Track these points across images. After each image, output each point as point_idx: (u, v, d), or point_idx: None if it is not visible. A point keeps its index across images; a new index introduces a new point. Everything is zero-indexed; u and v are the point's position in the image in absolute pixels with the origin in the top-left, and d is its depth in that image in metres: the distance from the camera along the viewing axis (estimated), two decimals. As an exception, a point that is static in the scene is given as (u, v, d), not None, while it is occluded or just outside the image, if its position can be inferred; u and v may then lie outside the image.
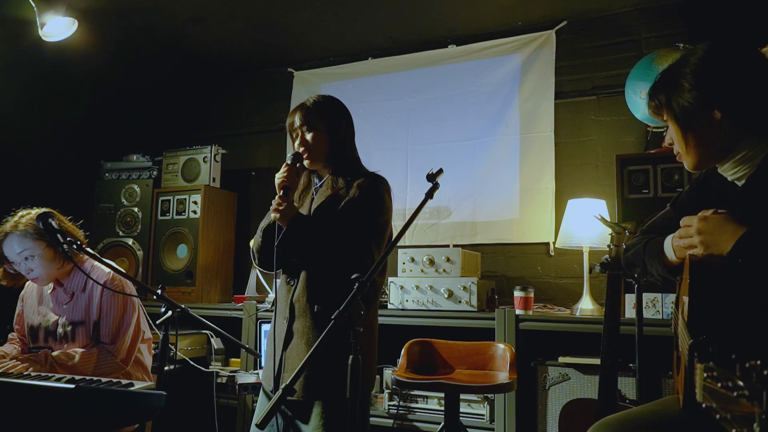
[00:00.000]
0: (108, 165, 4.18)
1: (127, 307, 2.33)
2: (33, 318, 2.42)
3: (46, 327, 2.37)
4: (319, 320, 1.83)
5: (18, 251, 2.25)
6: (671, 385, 2.48)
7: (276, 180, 1.92)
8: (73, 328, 2.32)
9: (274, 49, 4.20)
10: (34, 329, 2.40)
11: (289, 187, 1.89)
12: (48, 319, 2.38)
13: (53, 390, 1.69)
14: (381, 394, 3.17)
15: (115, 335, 2.31)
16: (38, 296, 2.45)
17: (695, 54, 1.38)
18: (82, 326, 2.32)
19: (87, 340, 2.32)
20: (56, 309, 2.38)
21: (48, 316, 2.39)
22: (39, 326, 2.39)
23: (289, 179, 1.90)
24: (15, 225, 2.27)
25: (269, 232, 1.92)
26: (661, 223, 1.60)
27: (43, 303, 2.43)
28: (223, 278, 4.06)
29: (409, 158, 3.92)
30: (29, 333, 2.42)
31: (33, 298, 2.46)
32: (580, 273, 3.20)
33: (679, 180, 2.76)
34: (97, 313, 2.31)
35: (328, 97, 2.05)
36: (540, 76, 3.61)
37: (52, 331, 2.35)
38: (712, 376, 0.76)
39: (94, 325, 2.32)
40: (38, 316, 2.41)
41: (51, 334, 2.36)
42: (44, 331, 2.37)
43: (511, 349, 2.63)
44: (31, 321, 2.42)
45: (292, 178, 1.91)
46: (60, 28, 3.00)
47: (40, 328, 2.39)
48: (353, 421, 1.45)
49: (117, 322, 2.31)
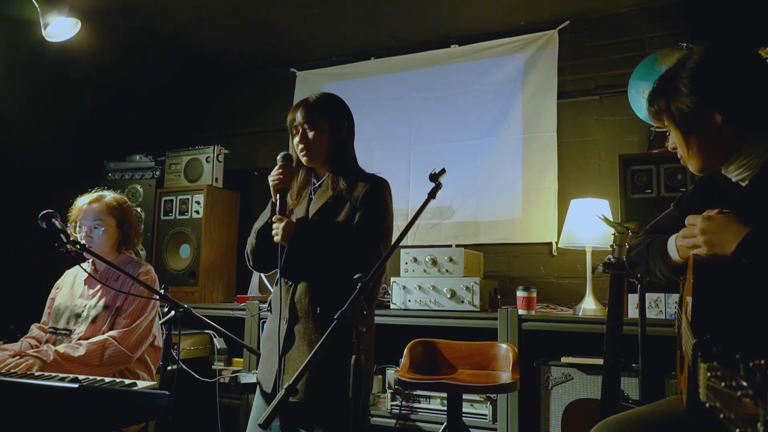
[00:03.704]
0: (111, 165, 4.19)
1: (149, 302, 2.44)
2: (62, 301, 2.53)
3: (72, 309, 2.47)
4: (321, 322, 1.82)
5: (92, 220, 2.47)
6: (674, 385, 2.47)
7: (270, 180, 1.92)
8: (97, 312, 2.41)
9: (276, 49, 4.20)
10: (60, 310, 2.50)
11: (284, 189, 1.89)
12: (76, 303, 2.49)
13: (56, 389, 1.69)
14: (383, 394, 3.17)
15: (131, 321, 2.38)
16: (72, 283, 2.58)
17: (691, 58, 1.38)
18: (106, 311, 2.42)
19: (105, 324, 2.39)
20: (86, 294, 2.50)
21: (76, 300, 2.50)
22: (66, 308, 2.49)
23: (284, 181, 1.90)
24: (99, 197, 2.54)
25: (263, 234, 1.92)
26: (664, 222, 1.59)
27: (75, 288, 2.55)
28: (226, 278, 4.06)
29: (412, 158, 3.92)
30: (54, 314, 2.52)
31: (67, 285, 2.59)
32: (582, 273, 3.20)
33: (682, 180, 2.75)
34: (123, 299, 2.42)
35: (331, 95, 2.03)
36: (543, 75, 3.61)
37: (77, 314, 2.45)
38: (716, 376, 0.76)
39: (116, 311, 2.41)
40: (67, 300, 2.52)
41: (75, 316, 2.45)
42: (68, 313, 2.47)
43: (513, 349, 2.63)
44: (59, 303, 2.53)
45: (286, 179, 1.91)
46: (63, 29, 3.00)
47: (66, 310, 2.48)
48: (356, 421, 1.45)
49: (137, 310, 2.40)
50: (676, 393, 1.60)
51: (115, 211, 2.52)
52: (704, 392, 0.80)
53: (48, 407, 1.69)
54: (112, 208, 2.52)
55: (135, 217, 2.65)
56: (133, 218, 2.61)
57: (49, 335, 2.45)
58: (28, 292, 2.90)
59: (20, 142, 3.72)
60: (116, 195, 2.61)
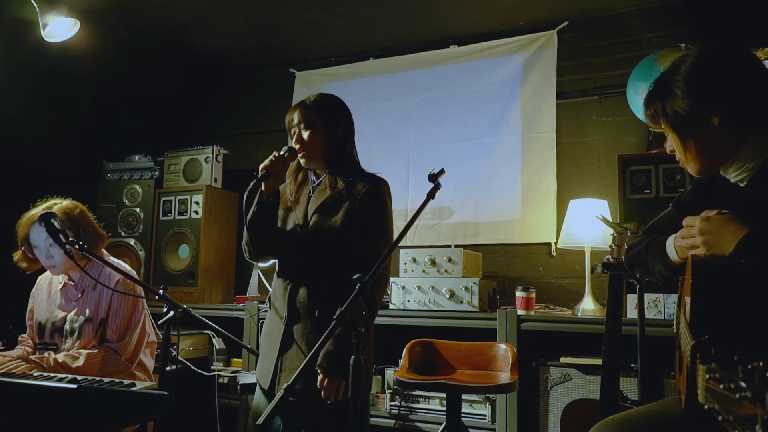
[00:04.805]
0: (110, 165, 4.19)
1: (137, 306, 2.35)
2: (41, 314, 2.44)
3: (53, 323, 2.38)
4: (320, 323, 1.82)
5: (45, 236, 2.23)
6: (673, 385, 2.47)
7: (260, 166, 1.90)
8: (81, 324, 2.33)
9: (275, 49, 4.20)
10: (41, 325, 2.41)
11: (269, 170, 1.87)
12: (56, 315, 2.39)
13: (55, 390, 1.69)
14: (382, 395, 3.17)
15: (123, 333, 2.32)
16: (48, 292, 2.46)
17: (686, 61, 1.38)
18: (90, 323, 2.33)
19: (92, 337, 2.32)
20: (65, 305, 2.39)
21: (56, 312, 2.40)
22: (46, 322, 2.40)
23: (273, 165, 1.87)
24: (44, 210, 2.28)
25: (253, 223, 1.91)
26: (663, 223, 1.59)
27: (52, 299, 2.44)
28: (225, 278, 4.06)
29: (411, 158, 3.92)
30: (36, 329, 2.43)
31: (43, 294, 2.48)
32: (581, 273, 3.20)
33: (681, 180, 2.76)
34: (105, 311, 2.32)
35: (328, 95, 2.04)
36: (542, 76, 3.61)
37: (59, 327, 2.36)
38: (715, 378, 0.76)
39: (100, 323, 2.32)
40: (46, 312, 2.42)
41: (57, 330, 2.36)
42: (51, 327, 2.38)
43: (512, 350, 2.63)
44: (39, 317, 2.44)
45: (275, 165, 1.88)
46: (62, 29, 3.00)
47: (47, 323, 2.40)
48: (355, 421, 1.45)
49: (126, 320, 2.32)
50: (675, 393, 1.61)
51: (67, 224, 2.26)
52: (703, 394, 0.80)
53: (47, 407, 1.69)
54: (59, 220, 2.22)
55: (91, 221, 2.39)
56: (89, 222, 2.38)
57: (38, 351, 2.36)
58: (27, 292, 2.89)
59: (19, 142, 3.71)
60: (62, 204, 2.36)
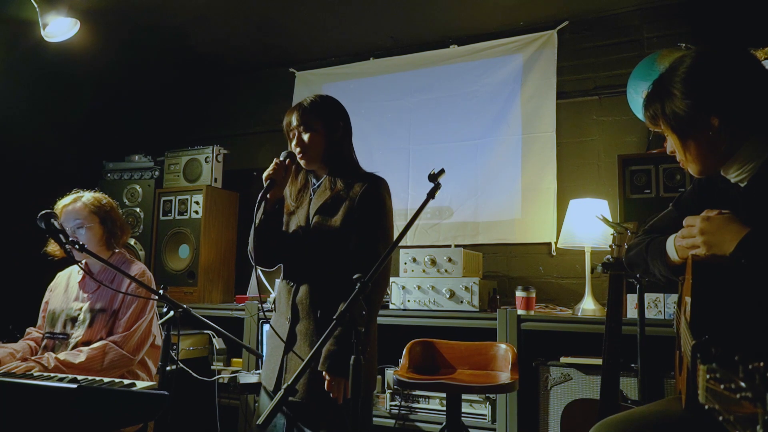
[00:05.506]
0: (110, 165, 4.19)
1: (147, 303, 2.41)
2: (56, 304, 2.50)
3: (67, 313, 2.44)
4: (322, 323, 1.83)
5: (74, 221, 2.41)
6: (673, 385, 2.48)
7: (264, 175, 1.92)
8: (93, 315, 2.38)
9: (275, 49, 4.20)
10: (55, 315, 2.47)
11: (274, 180, 1.89)
12: (71, 306, 2.45)
13: (56, 390, 1.69)
14: (383, 394, 3.17)
15: (131, 323, 2.36)
16: (66, 286, 2.55)
17: (684, 62, 1.38)
18: (103, 314, 2.39)
19: (103, 326, 2.37)
20: (81, 297, 2.47)
21: (71, 303, 2.46)
22: (61, 312, 2.46)
23: (276, 173, 1.90)
24: (76, 198, 2.49)
25: (259, 232, 1.92)
26: (663, 223, 1.59)
27: (69, 292, 2.51)
28: (225, 278, 4.06)
29: (411, 158, 3.92)
30: (49, 318, 2.48)
31: (60, 287, 2.56)
32: (581, 273, 3.20)
33: (681, 180, 2.76)
34: (119, 303, 2.39)
35: (325, 97, 2.04)
36: (542, 76, 3.61)
37: (73, 318, 2.42)
38: (715, 378, 0.76)
39: (112, 314, 2.38)
40: (62, 303, 2.49)
41: (71, 320, 2.42)
42: (64, 317, 2.43)
43: (512, 350, 2.63)
44: (53, 307, 2.50)
45: (278, 172, 1.91)
46: (62, 29, 3.00)
47: (61, 314, 2.45)
48: (356, 421, 1.45)
49: (135, 314, 2.38)
50: (675, 393, 1.61)
51: (96, 209, 2.47)
52: (703, 394, 0.80)
53: (47, 407, 1.69)
54: (92, 207, 2.47)
55: (118, 213, 2.58)
56: (116, 214, 2.56)
57: (47, 340, 2.41)
58: (27, 292, 2.89)
59: (19, 142, 3.71)
60: (95, 194, 2.55)
